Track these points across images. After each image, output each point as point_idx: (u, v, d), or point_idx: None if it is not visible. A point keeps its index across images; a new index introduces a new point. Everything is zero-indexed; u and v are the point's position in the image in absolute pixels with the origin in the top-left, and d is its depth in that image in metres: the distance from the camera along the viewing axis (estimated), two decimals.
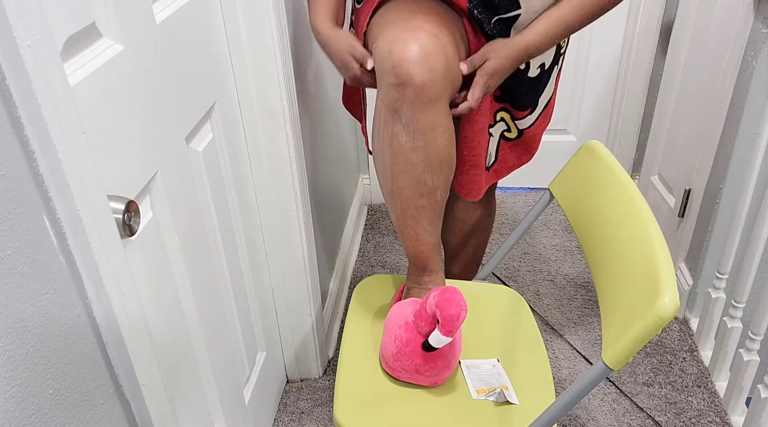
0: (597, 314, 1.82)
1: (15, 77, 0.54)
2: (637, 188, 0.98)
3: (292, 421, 1.51)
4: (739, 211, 1.46)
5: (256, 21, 1.12)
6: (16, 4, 0.53)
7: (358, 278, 2.00)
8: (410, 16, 0.97)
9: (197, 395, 1.03)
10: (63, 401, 0.64)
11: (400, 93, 0.93)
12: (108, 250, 0.67)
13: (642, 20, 2.06)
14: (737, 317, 1.50)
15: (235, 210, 1.21)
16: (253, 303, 1.34)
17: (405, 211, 1.05)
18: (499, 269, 2.00)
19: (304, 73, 1.42)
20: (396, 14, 0.99)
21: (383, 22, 0.99)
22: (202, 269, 1.03)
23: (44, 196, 0.60)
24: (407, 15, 0.97)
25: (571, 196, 1.13)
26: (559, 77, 1.24)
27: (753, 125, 1.48)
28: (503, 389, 1.03)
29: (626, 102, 2.22)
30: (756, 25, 1.42)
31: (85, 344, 0.67)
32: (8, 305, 0.56)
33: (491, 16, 1.03)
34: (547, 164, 2.33)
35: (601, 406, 1.54)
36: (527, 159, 1.27)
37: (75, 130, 0.61)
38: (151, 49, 0.84)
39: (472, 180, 1.23)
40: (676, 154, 1.89)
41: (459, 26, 1.04)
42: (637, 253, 0.89)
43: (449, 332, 0.95)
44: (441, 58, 0.92)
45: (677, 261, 1.82)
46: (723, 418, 1.50)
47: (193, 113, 0.99)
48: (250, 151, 1.26)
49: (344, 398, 1.02)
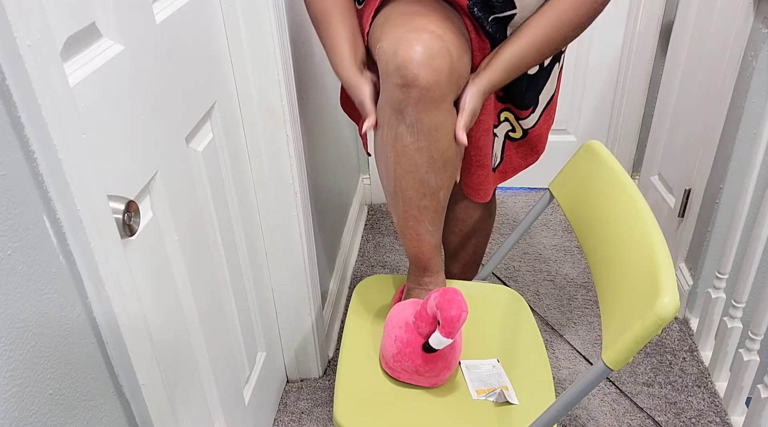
0: (597, 314, 1.82)
1: (15, 77, 0.54)
2: (637, 188, 0.98)
3: (292, 421, 1.51)
4: (739, 212, 1.46)
5: (256, 21, 1.12)
6: (16, 4, 0.53)
7: (358, 278, 2.00)
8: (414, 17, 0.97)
9: (197, 395, 1.03)
10: (63, 401, 0.64)
11: (405, 94, 0.93)
12: (108, 250, 0.67)
13: (642, 20, 2.06)
14: (737, 317, 1.50)
15: (235, 210, 1.21)
16: (253, 303, 1.34)
17: (407, 212, 1.05)
18: (499, 269, 2.00)
19: (304, 73, 1.42)
20: (399, 15, 0.99)
21: (387, 23, 0.99)
22: (202, 269, 1.03)
23: (44, 196, 0.60)
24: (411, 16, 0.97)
25: (571, 196, 1.13)
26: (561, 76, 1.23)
27: (753, 125, 1.48)
28: (503, 390, 1.03)
29: (626, 102, 2.22)
30: (756, 25, 1.42)
31: (85, 344, 0.67)
32: (8, 305, 0.56)
33: (488, 15, 1.03)
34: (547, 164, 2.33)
35: (601, 406, 1.54)
36: (533, 160, 1.27)
37: (75, 130, 0.61)
38: (151, 49, 0.84)
39: (480, 181, 1.23)
40: (676, 154, 1.89)
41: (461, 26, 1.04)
42: (637, 253, 0.89)
43: (450, 333, 0.95)
44: (445, 59, 0.93)
45: (677, 261, 1.82)
46: (723, 418, 1.50)
47: (193, 113, 0.99)
48: (250, 151, 1.26)
49: (344, 398, 1.02)
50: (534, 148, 1.25)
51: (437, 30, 0.94)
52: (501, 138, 1.23)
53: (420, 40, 0.92)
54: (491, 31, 1.05)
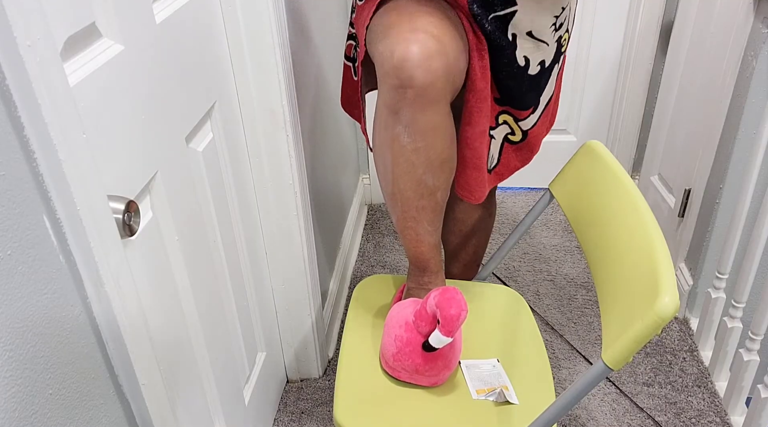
0: (597, 314, 1.82)
1: (15, 77, 0.54)
2: (637, 188, 0.98)
3: (292, 421, 1.51)
4: (739, 212, 1.46)
5: (256, 21, 1.12)
6: (16, 4, 0.53)
7: (358, 278, 2.00)
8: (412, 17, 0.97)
9: (197, 395, 1.03)
10: (63, 401, 0.64)
11: (401, 95, 0.93)
12: (108, 250, 0.67)
13: (642, 20, 2.06)
14: (737, 317, 1.50)
15: (235, 210, 1.21)
16: (253, 303, 1.34)
17: (406, 213, 1.05)
18: (499, 269, 2.00)
19: (304, 73, 1.42)
20: (397, 15, 0.99)
21: (385, 23, 0.99)
22: (202, 269, 1.03)
23: (44, 197, 0.60)
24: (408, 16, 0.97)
25: (571, 197, 1.13)
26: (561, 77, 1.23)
27: (753, 125, 1.48)
28: (503, 389, 1.03)
29: (626, 102, 2.22)
30: (756, 25, 1.42)
31: (85, 344, 0.67)
32: (8, 305, 0.56)
33: (488, 13, 1.03)
34: (547, 164, 2.33)
35: (601, 406, 1.54)
36: (529, 160, 1.27)
37: (75, 130, 0.61)
38: (151, 49, 0.84)
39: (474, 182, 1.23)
40: (676, 154, 1.89)
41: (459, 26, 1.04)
42: (637, 253, 0.89)
43: (449, 332, 0.95)
44: (442, 60, 0.92)
45: (677, 261, 1.82)
46: (723, 418, 1.50)
47: (193, 113, 0.99)
48: (250, 151, 1.26)
49: (344, 398, 1.02)
50: (532, 149, 1.25)
51: (434, 30, 0.94)
52: (498, 140, 1.23)
53: (416, 40, 0.92)
54: (490, 30, 1.05)
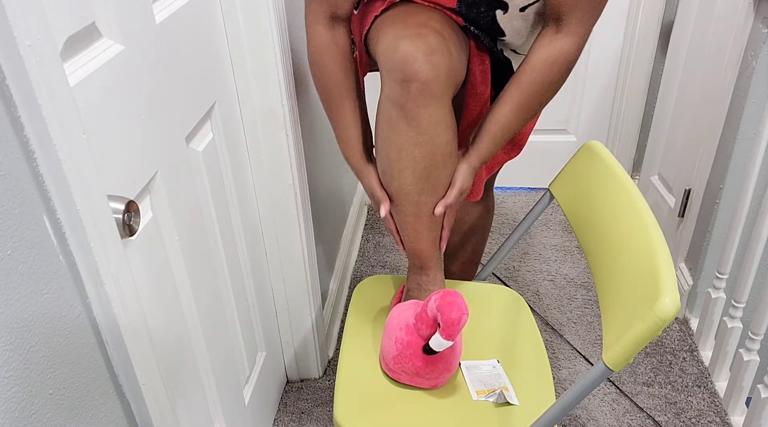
0: (597, 314, 1.82)
1: (15, 77, 0.54)
2: (637, 188, 0.98)
3: (292, 421, 1.51)
4: (739, 212, 1.46)
5: (256, 21, 1.12)
6: (16, 4, 0.53)
7: (358, 278, 2.00)
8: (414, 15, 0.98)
9: (197, 395, 1.03)
10: (63, 401, 0.64)
11: (405, 89, 0.94)
12: (108, 250, 0.66)
13: (642, 20, 2.06)
14: (737, 317, 1.50)
15: (235, 210, 1.21)
16: (253, 303, 1.34)
17: (406, 208, 1.06)
18: (499, 269, 2.00)
19: (304, 73, 1.42)
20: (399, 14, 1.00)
21: (388, 21, 1.00)
22: (202, 269, 1.03)
23: (44, 197, 0.60)
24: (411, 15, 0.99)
25: (571, 197, 1.13)
26: None
27: (753, 125, 1.48)
28: (503, 390, 1.03)
29: (626, 102, 2.22)
30: (756, 25, 1.42)
31: (85, 344, 0.67)
32: (8, 305, 0.56)
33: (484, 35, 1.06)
34: (547, 164, 2.33)
35: (601, 406, 1.54)
36: (515, 154, 1.28)
37: (75, 130, 0.61)
38: (151, 49, 0.84)
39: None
40: (676, 154, 1.89)
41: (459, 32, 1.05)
42: (637, 253, 0.89)
43: (450, 335, 0.95)
44: (445, 55, 0.93)
45: (677, 261, 1.82)
46: (723, 418, 1.50)
47: (193, 113, 0.99)
48: (250, 151, 1.26)
49: (344, 398, 1.02)
50: (517, 142, 1.26)
51: (437, 26, 0.96)
52: None
53: (420, 35, 0.93)
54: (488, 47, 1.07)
